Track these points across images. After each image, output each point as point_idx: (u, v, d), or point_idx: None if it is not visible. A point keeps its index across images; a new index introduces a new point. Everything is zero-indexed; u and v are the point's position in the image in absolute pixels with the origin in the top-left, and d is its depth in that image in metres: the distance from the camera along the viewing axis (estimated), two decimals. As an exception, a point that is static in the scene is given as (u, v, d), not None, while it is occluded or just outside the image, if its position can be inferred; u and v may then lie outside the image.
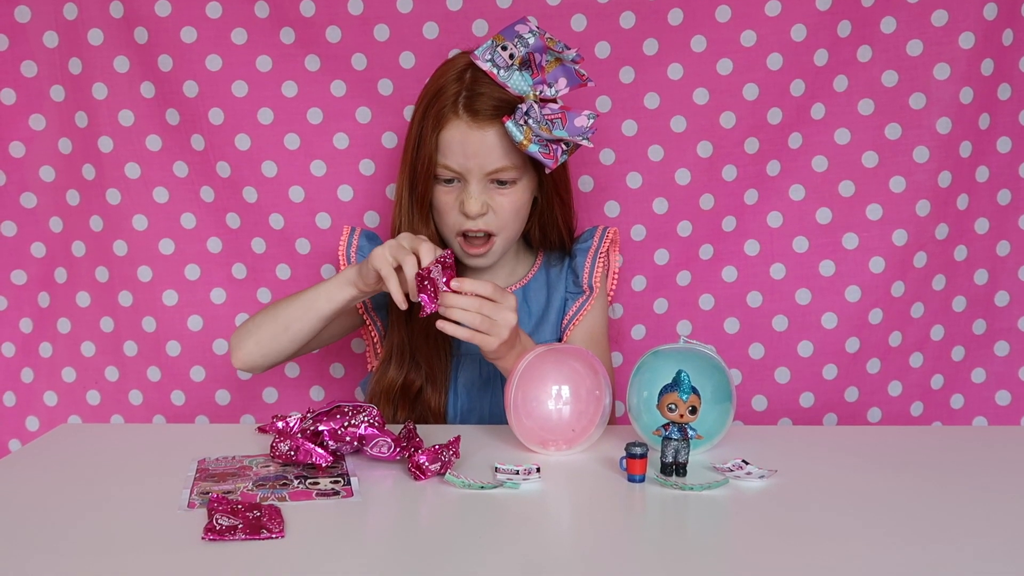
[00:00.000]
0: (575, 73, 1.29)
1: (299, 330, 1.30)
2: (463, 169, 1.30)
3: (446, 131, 1.29)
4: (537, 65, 1.28)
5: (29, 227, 1.63)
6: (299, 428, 1.12)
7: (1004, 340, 1.63)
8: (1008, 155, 1.59)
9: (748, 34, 1.54)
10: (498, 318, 1.17)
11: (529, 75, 1.28)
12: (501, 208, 1.32)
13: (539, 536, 0.93)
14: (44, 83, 1.59)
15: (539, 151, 1.26)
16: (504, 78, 1.27)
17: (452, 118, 1.29)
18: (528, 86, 1.28)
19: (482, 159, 1.29)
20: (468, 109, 1.28)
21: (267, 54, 1.56)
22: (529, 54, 1.26)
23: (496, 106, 1.27)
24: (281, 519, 0.93)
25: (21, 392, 1.66)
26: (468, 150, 1.29)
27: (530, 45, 1.26)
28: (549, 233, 1.42)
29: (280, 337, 1.31)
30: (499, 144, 1.29)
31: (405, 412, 1.37)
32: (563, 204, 1.40)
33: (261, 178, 1.59)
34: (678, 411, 1.05)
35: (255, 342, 1.32)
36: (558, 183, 1.38)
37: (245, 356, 1.33)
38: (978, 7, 1.52)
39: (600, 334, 1.43)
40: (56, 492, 1.03)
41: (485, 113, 1.27)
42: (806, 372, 1.61)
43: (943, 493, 1.02)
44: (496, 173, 1.30)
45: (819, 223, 1.59)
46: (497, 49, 1.27)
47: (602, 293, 1.43)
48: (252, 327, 1.33)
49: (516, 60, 1.26)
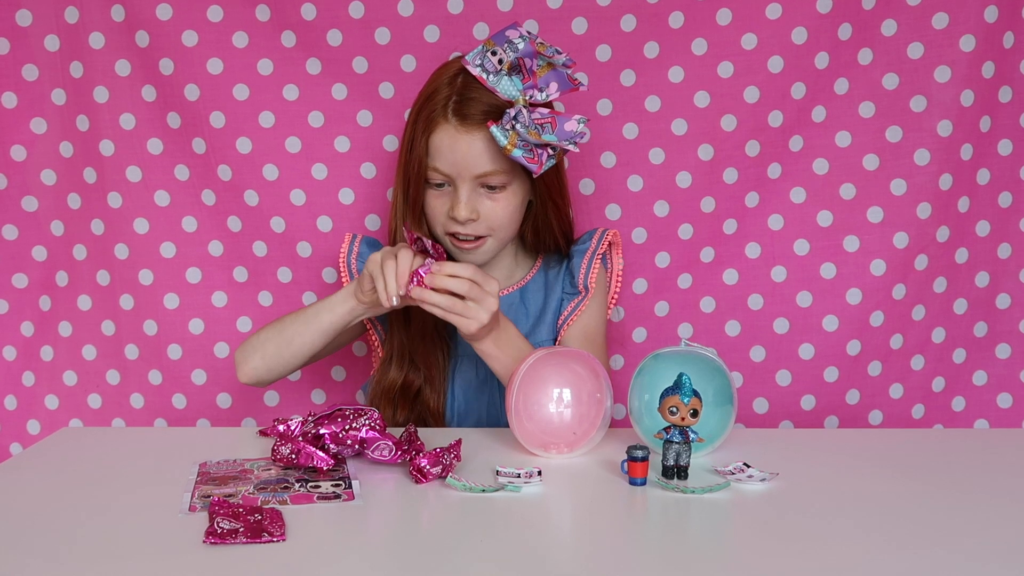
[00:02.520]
0: (567, 78, 1.29)
1: (303, 344, 1.32)
2: (452, 173, 1.30)
3: (436, 135, 1.30)
4: (528, 70, 1.28)
5: (30, 231, 1.63)
6: (300, 431, 1.12)
7: (1005, 343, 1.63)
8: (1009, 157, 1.59)
9: (749, 37, 1.54)
10: (479, 299, 1.19)
11: (519, 80, 1.28)
12: (492, 213, 1.32)
13: (540, 539, 0.93)
14: (45, 87, 1.59)
15: (523, 155, 1.26)
16: (493, 83, 1.28)
17: (441, 122, 1.29)
18: (518, 91, 1.28)
19: (470, 163, 1.29)
20: (457, 113, 1.29)
21: (268, 57, 1.56)
22: (519, 59, 1.26)
23: (485, 111, 1.28)
24: (282, 522, 0.93)
25: (22, 396, 1.66)
26: (456, 154, 1.29)
27: (520, 50, 1.26)
28: (543, 235, 1.42)
29: (284, 352, 1.33)
30: (487, 149, 1.29)
31: (405, 412, 1.38)
32: (557, 208, 1.40)
33: (262, 181, 1.59)
34: (679, 414, 1.05)
35: (260, 357, 1.34)
36: (551, 187, 1.38)
37: (251, 371, 1.35)
38: (979, 9, 1.52)
39: (595, 334, 1.43)
40: (57, 496, 1.03)
41: (474, 118, 1.28)
42: (807, 375, 1.61)
43: (944, 496, 1.02)
44: (484, 177, 1.30)
45: (820, 226, 1.59)
46: (487, 54, 1.28)
47: (598, 294, 1.43)
48: (257, 343, 1.35)
49: (505, 65, 1.27)
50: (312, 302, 1.35)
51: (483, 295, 1.19)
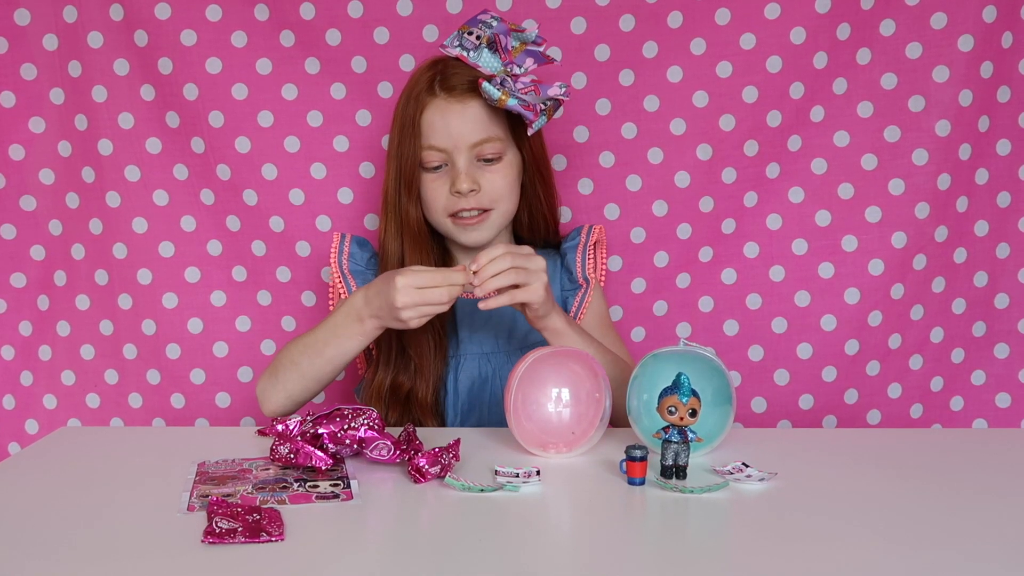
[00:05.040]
0: (540, 54, 1.33)
1: (320, 376, 1.31)
2: (448, 146, 1.31)
3: (426, 113, 1.32)
4: (504, 48, 1.31)
5: (29, 230, 1.63)
6: (299, 431, 1.12)
7: (1004, 342, 1.63)
8: (1007, 157, 1.59)
9: (748, 37, 1.54)
10: (528, 264, 1.18)
11: (498, 57, 1.30)
12: (491, 184, 1.34)
13: (539, 539, 0.93)
14: (44, 86, 1.59)
15: (519, 105, 1.28)
16: (474, 58, 1.31)
17: (430, 99, 1.32)
18: (499, 65, 1.31)
19: (465, 133, 1.31)
20: (444, 87, 1.32)
21: (267, 57, 1.56)
22: (495, 35, 1.30)
23: (471, 80, 1.31)
24: (281, 522, 0.93)
25: (20, 395, 1.66)
26: (450, 126, 1.31)
27: (493, 27, 1.30)
28: (535, 215, 1.43)
29: (307, 384, 1.32)
30: (480, 115, 1.31)
31: (397, 413, 1.37)
32: (545, 184, 1.42)
33: (261, 181, 1.59)
34: (678, 414, 1.05)
35: (285, 396, 1.32)
36: (539, 162, 1.40)
37: (277, 408, 1.33)
38: (977, 9, 1.52)
39: (607, 318, 1.46)
40: (55, 495, 1.03)
41: (461, 88, 1.31)
42: (806, 374, 1.61)
43: (943, 496, 1.02)
44: (481, 146, 1.32)
45: (818, 225, 1.59)
46: (463, 35, 1.32)
47: (597, 283, 1.44)
48: (278, 381, 1.32)
49: (483, 40, 1.30)
50: (321, 324, 1.30)
51: (526, 260, 1.18)
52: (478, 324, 1.39)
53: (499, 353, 1.39)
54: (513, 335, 1.40)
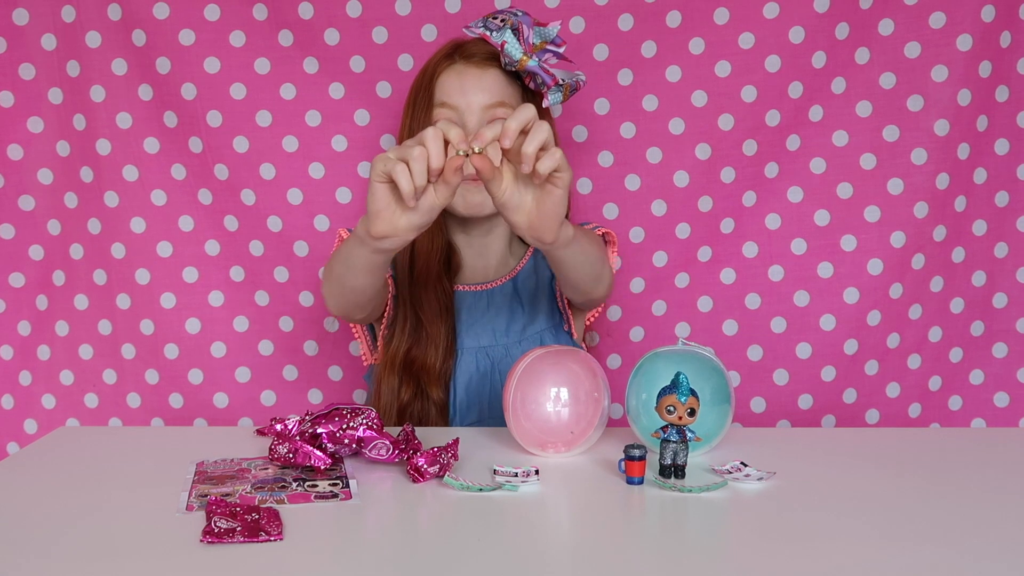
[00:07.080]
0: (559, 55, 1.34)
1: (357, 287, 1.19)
2: (460, 104, 1.32)
3: (443, 76, 1.33)
4: (525, 40, 1.30)
5: (27, 230, 1.63)
6: (297, 430, 1.12)
7: (1002, 342, 1.63)
8: (1006, 157, 1.59)
9: (746, 36, 1.54)
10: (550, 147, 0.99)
11: (520, 44, 1.31)
12: None
13: (538, 538, 0.93)
14: (42, 85, 1.59)
15: (539, 67, 1.29)
16: (497, 38, 1.31)
17: (448, 64, 1.34)
18: (520, 51, 1.31)
19: (480, 92, 1.31)
20: (463, 55, 1.33)
21: (265, 56, 1.56)
22: (519, 23, 1.31)
23: (492, 52, 1.32)
24: (280, 522, 0.93)
25: (19, 395, 1.66)
26: (466, 85, 1.32)
27: (518, 16, 1.31)
28: None
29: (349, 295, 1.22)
30: (498, 81, 1.33)
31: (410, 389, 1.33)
32: None
33: (259, 180, 1.59)
34: (677, 413, 1.05)
35: (335, 304, 1.25)
36: None
37: (335, 310, 1.27)
38: (976, 9, 1.52)
39: None
40: (54, 495, 1.03)
41: (481, 55, 1.33)
42: (804, 374, 1.61)
43: (941, 495, 1.02)
44: (494, 109, 1.32)
45: (817, 225, 1.59)
46: (488, 19, 1.32)
47: None
48: (327, 287, 1.23)
49: (508, 23, 1.30)
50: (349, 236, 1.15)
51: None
52: (476, 317, 1.39)
53: (497, 346, 1.39)
54: (511, 328, 1.40)
